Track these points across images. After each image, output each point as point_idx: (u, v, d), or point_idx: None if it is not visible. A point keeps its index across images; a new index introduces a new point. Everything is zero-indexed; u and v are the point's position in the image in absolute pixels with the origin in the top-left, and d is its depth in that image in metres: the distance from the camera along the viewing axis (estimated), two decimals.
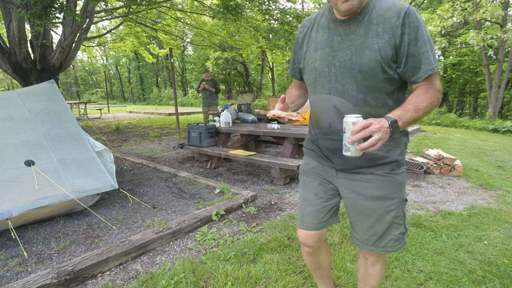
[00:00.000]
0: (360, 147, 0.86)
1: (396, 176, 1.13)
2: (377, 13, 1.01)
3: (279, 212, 2.90)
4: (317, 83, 1.15)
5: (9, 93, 3.02)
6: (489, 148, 6.43)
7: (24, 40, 5.74)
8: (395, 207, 1.13)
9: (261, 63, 24.83)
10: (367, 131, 0.86)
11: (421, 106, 0.97)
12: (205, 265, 2.00)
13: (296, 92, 1.36)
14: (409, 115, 0.95)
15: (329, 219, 1.28)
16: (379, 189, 1.13)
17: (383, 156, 1.12)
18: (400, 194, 1.14)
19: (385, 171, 1.12)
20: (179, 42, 14.45)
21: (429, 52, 0.98)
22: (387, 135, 0.87)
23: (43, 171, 2.56)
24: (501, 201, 3.17)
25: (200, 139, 4.52)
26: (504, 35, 9.32)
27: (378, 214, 1.14)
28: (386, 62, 1.00)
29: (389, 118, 0.90)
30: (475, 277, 1.86)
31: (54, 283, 1.71)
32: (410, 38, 0.98)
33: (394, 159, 1.12)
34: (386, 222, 1.15)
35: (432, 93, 1.00)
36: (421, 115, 0.98)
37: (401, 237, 1.18)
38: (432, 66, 0.99)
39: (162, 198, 3.26)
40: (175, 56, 28.31)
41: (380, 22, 1.00)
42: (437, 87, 1.01)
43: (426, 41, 0.98)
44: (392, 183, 1.12)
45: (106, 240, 2.35)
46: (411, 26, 0.97)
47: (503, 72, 12.47)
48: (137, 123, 11.03)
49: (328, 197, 1.25)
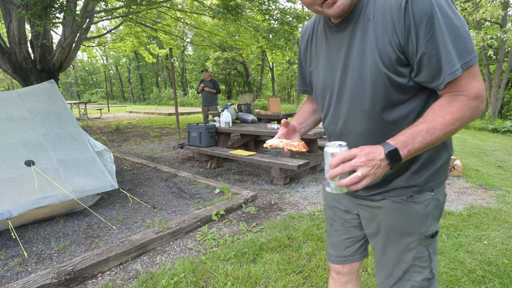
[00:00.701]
0: (339, 184, 0.70)
1: (415, 205, 0.86)
2: (374, 4, 0.77)
3: (279, 212, 2.90)
4: (324, 111, 0.97)
5: (9, 93, 3.02)
6: (489, 148, 6.44)
7: (24, 40, 5.74)
8: (414, 246, 0.88)
9: (261, 63, 24.84)
10: (347, 165, 0.68)
11: (441, 124, 0.70)
12: (205, 265, 2.00)
13: (310, 107, 1.14)
14: (420, 140, 0.70)
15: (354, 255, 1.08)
16: (394, 220, 0.89)
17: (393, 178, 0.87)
18: (422, 229, 0.87)
19: (401, 197, 0.87)
20: (179, 42, 14.46)
21: (450, 45, 0.69)
22: (379, 170, 0.69)
23: (43, 171, 2.56)
24: (501, 201, 3.18)
25: (200, 139, 4.52)
26: (504, 35, 9.32)
27: (395, 252, 0.91)
28: (391, 68, 0.76)
29: (387, 146, 0.70)
30: (475, 277, 1.87)
31: (54, 283, 1.71)
32: (418, 31, 0.70)
33: (413, 184, 0.86)
34: (404, 264, 0.90)
35: (461, 103, 0.71)
36: (442, 136, 0.72)
37: (425, 284, 0.90)
38: (454, 68, 0.69)
39: (162, 198, 3.27)
40: (175, 56, 28.31)
41: (378, 16, 0.76)
42: (471, 93, 0.71)
43: (446, 30, 0.68)
44: (409, 214, 0.87)
45: (106, 240, 2.35)
46: (418, 14, 0.69)
47: (503, 72, 12.48)
48: (137, 123, 11.03)
49: (346, 229, 1.07)
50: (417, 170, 0.86)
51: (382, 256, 0.95)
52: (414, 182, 0.86)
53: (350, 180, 0.68)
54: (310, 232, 2.41)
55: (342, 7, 0.76)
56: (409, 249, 0.89)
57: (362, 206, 0.97)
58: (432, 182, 0.87)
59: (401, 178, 0.87)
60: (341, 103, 0.89)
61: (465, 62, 0.69)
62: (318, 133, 3.71)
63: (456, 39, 0.69)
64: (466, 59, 0.69)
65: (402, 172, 0.87)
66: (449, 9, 0.69)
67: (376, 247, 0.98)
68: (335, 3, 0.75)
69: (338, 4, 0.75)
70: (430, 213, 0.88)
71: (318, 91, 0.97)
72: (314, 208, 2.99)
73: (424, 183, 0.86)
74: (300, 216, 2.78)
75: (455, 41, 0.69)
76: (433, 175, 0.86)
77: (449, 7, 0.69)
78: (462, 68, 0.69)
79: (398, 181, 0.87)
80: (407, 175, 0.86)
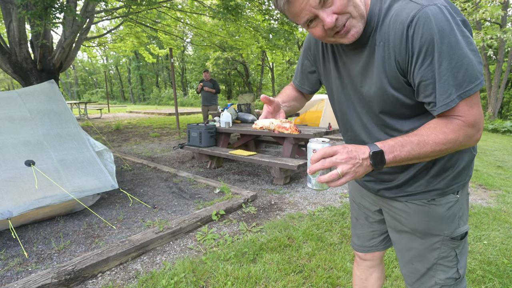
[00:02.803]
0: (319, 180, 0.70)
1: (438, 207, 0.86)
2: (381, 29, 0.76)
3: (279, 212, 2.90)
4: (340, 124, 1.00)
5: (9, 93, 3.03)
6: (488, 148, 6.44)
7: (25, 40, 5.75)
8: (438, 246, 0.89)
9: (261, 63, 24.84)
10: (327, 161, 0.68)
11: (433, 141, 0.70)
12: (205, 265, 2.00)
13: (293, 93, 1.12)
14: (408, 149, 0.70)
15: (378, 246, 1.14)
16: (417, 221, 0.90)
17: (411, 181, 0.88)
18: (446, 231, 0.87)
19: (422, 201, 0.88)
20: (179, 42, 14.47)
21: (448, 75, 0.67)
22: (360, 169, 0.68)
23: (44, 171, 2.57)
24: (501, 201, 3.18)
25: (200, 139, 4.52)
26: (503, 35, 9.32)
27: (418, 250, 0.93)
28: (400, 90, 0.77)
29: (373, 147, 0.70)
30: (475, 276, 1.87)
31: (54, 283, 1.72)
32: (418, 59, 0.69)
33: (434, 188, 0.86)
34: (427, 262, 0.92)
35: (457, 126, 0.70)
36: (431, 153, 0.71)
37: (450, 283, 0.91)
38: (448, 99, 0.68)
39: (162, 198, 3.27)
40: (175, 56, 28.31)
41: (385, 41, 0.75)
42: (468, 120, 0.70)
43: (445, 59, 0.66)
44: (432, 215, 0.87)
45: (106, 240, 2.35)
46: (419, 41, 0.68)
47: (502, 72, 12.49)
48: (137, 123, 11.03)
49: (370, 224, 1.12)
50: (437, 174, 0.85)
51: (406, 251, 0.97)
52: (435, 186, 0.86)
53: (329, 176, 0.68)
54: (310, 232, 2.41)
55: (356, 35, 0.76)
56: (433, 249, 0.90)
57: (387, 205, 0.99)
58: (455, 185, 0.86)
59: (421, 183, 0.87)
60: (354, 118, 0.91)
61: (464, 92, 0.68)
62: (318, 133, 3.70)
63: (455, 68, 0.66)
64: (466, 89, 0.67)
65: (421, 177, 0.86)
66: (454, 36, 0.66)
67: (399, 242, 0.99)
68: (349, 32, 0.75)
69: (352, 33, 0.75)
70: (455, 215, 0.87)
71: (334, 107, 0.99)
72: (314, 208, 2.99)
73: (446, 186, 0.85)
74: (300, 216, 2.78)
75: (454, 70, 0.67)
76: (455, 177, 0.85)
77: (454, 33, 0.66)
78: (460, 97, 0.68)
79: (418, 185, 0.87)
80: (426, 179, 0.86)
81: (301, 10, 0.72)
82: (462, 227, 0.88)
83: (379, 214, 1.08)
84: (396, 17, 0.71)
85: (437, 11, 0.66)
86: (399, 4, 0.73)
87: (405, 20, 0.69)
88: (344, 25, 0.73)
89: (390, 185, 0.93)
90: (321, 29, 0.76)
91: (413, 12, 0.68)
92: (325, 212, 2.86)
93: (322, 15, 0.72)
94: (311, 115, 8.38)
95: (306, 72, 1.07)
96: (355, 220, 1.19)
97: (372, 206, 1.08)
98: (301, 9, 0.72)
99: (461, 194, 0.88)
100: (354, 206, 1.17)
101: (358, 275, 1.25)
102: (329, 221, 2.65)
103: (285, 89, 1.16)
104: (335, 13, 0.71)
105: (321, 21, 0.73)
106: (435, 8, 0.66)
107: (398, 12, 0.72)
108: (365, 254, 1.18)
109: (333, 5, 0.71)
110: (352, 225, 1.22)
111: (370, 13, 0.77)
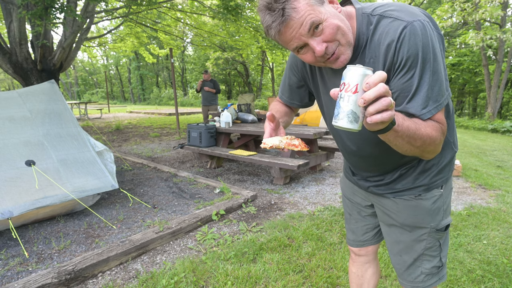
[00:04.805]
0: (372, 120, 0.58)
1: (424, 201, 0.93)
2: (369, 47, 0.79)
3: (279, 212, 2.90)
4: (330, 130, 1.03)
5: (9, 93, 3.03)
6: (488, 148, 6.45)
7: (25, 41, 5.75)
8: (425, 238, 0.96)
9: (261, 63, 24.85)
10: (384, 88, 0.56)
11: (424, 129, 0.72)
12: (205, 265, 2.00)
13: (283, 108, 1.13)
14: (408, 124, 0.69)
15: (371, 239, 1.20)
16: (405, 215, 0.97)
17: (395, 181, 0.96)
18: (432, 223, 0.94)
19: (410, 196, 0.95)
20: (179, 42, 14.47)
21: (428, 86, 0.71)
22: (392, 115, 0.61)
23: (44, 171, 2.57)
24: (500, 200, 3.18)
25: (200, 139, 4.52)
26: (503, 36, 9.33)
27: (406, 242, 1.00)
28: None
29: None
30: (475, 276, 1.87)
31: (54, 283, 1.72)
32: (402, 68, 0.72)
33: (420, 184, 0.93)
34: (414, 253, 0.99)
35: (438, 126, 0.75)
36: (419, 136, 0.71)
37: (435, 271, 1.00)
38: (425, 110, 0.73)
39: (162, 198, 3.27)
40: (175, 56, 28.31)
41: (374, 58, 0.78)
42: (444, 128, 0.77)
43: (428, 73, 0.71)
44: (419, 209, 0.94)
45: (107, 239, 2.36)
46: (404, 53, 0.71)
47: (502, 72, 12.48)
48: (137, 123, 11.03)
49: (363, 218, 1.18)
50: (422, 171, 0.92)
51: (395, 244, 1.04)
52: (421, 183, 0.93)
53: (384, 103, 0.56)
54: (310, 232, 2.42)
55: (345, 62, 0.78)
56: (420, 240, 0.97)
57: (377, 201, 1.06)
58: (439, 180, 0.93)
59: (408, 180, 0.94)
60: (344, 132, 0.94)
61: (439, 104, 0.73)
62: (318, 133, 3.71)
63: (433, 82, 0.72)
64: (439, 102, 0.73)
65: (408, 175, 0.94)
66: (434, 53, 0.71)
67: (389, 236, 1.06)
68: (338, 59, 0.77)
69: (341, 60, 0.77)
70: (440, 208, 0.95)
71: (326, 120, 1.01)
72: (314, 208, 2.99)
73: (431, 182, 0.93)
74: (300, 216, 2.78)
75: (432, 83, 0.72)
76: (439, 173, 0.93)
77: (435, 49, 0.71)
78: (437, 109, 0.73)
79: (405, 183, 0.95)
80: (413, 176, 0.93)
81: (291, 38, 0.74)
82: (446, 219, 0.96)
83: (371, 208, 1.14)
84: (386, 34, 0.74)
85: (422, 26, 0.71)
86: (385, 22, 0.76)
87: (394, 35, 0.72)
88: (333, 53, 0.76)
89: (379, 183, 1.00)
90: (311, 55, 0.78)
91: (401, 27, 0.72)
92: (325, 212, 2.86)
93: (312, 43, 0.74)
94: (311, 115, 8.39)
95: (295, 87, 1.09)
96: (348, 215, 1.24)
97: (363, 202, 1.15)
98: (292, 37, 0.74)
99: (445, 189, 0.95)
100: (347, 202, 1.22)
101: (354, 272, 1.30)
102: (329, 221, 2.65)
103: (274, 105, 1.16)
104: (324, 41, 0.74)
105: (311, 49, 0.76)
106: (419, 24, 0.71)
107: (386, 29, 0.75)
108: (359, 249, 1.23)
109: (323, 34, 0.73)
110: (346, 221, 1.27)
111: (358, 33, 0.80)
